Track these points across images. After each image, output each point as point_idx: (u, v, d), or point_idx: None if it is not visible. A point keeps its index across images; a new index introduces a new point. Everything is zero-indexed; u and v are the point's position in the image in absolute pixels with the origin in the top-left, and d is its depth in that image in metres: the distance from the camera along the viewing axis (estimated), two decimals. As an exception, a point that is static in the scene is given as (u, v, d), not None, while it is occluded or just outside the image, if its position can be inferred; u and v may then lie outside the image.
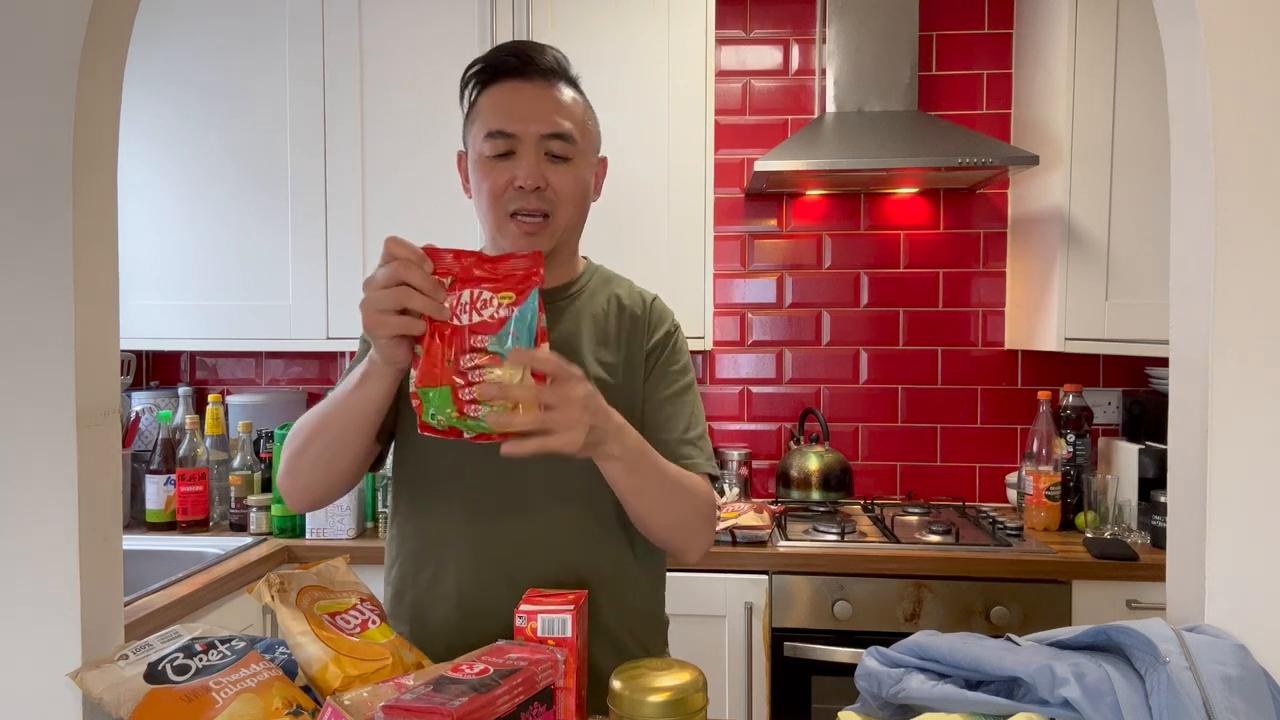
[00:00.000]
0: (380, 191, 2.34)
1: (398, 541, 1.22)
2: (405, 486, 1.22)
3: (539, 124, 1.12)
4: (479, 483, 1.16)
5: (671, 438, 1.19)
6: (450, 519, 1.16)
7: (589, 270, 1.29)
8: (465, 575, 1.15)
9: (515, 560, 1.14)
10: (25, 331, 0.90)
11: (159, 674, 0.85)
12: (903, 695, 0.78)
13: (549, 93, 1.15)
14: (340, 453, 1.10)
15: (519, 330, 0.90)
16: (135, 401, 2.51)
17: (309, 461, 1.11)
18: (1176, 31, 0.84)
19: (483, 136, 1.13)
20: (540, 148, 1.12)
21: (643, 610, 1.24)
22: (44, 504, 0.90)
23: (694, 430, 1.21)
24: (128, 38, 0.97)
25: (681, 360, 1.26)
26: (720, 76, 2.62)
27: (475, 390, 0.88)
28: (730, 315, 2.67)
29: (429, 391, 0.90)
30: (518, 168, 1.11)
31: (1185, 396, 0.84)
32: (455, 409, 0.89)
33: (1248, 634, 0.76)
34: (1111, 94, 2.18)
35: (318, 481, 1.13)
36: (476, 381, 0.89)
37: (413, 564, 1.19)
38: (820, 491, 2.39)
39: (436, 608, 1.16)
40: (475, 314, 0.90)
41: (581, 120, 1.17)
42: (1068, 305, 2.22)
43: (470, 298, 0.91)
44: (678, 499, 1.11)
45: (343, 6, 2.32)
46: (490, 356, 0.89)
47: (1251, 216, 0.79)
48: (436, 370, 0.90)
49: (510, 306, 0.90)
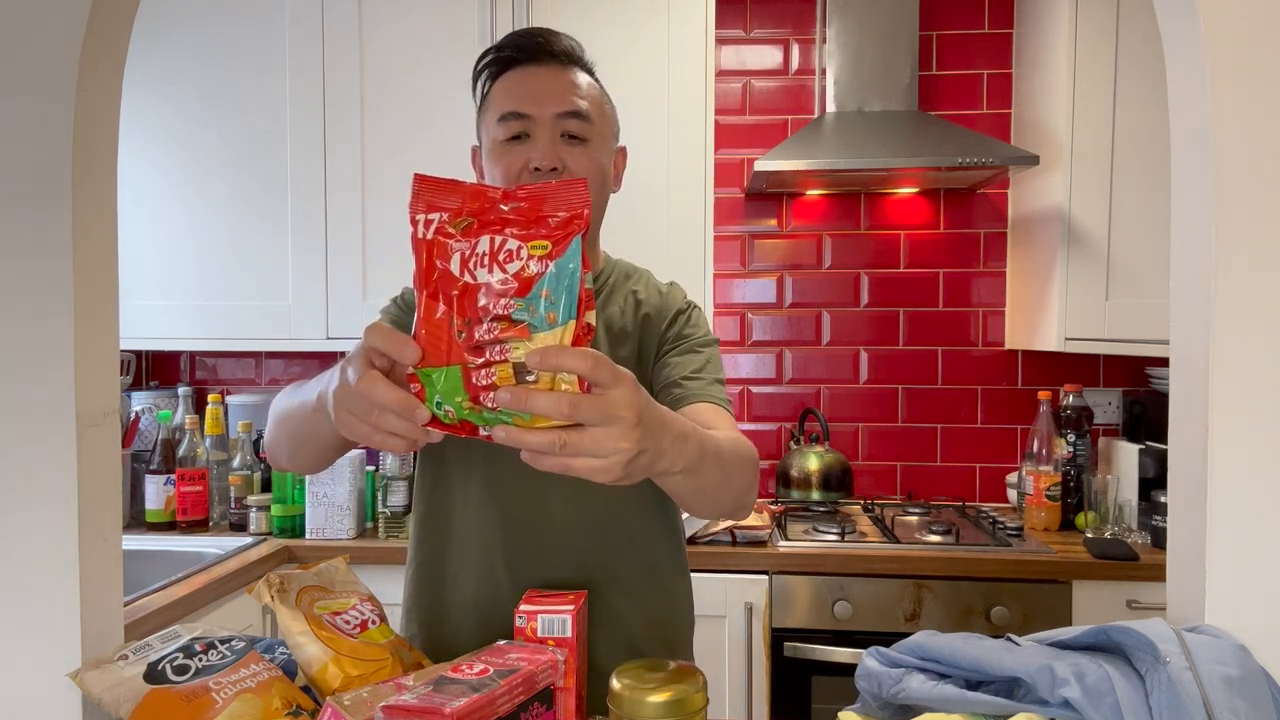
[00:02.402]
0: (381, 190, 2.34)
1: (415, 543, 1.22)
2: (426, 488, 1.20)
3: (553, 103, 1.09)
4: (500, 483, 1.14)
5: (683, 375, 1.12)
6: (469, 522, 1.15)
7: (609, 265, 1.25)
8: (484, 578, 1.14)
9: (535, 564, 1.13)
10: (25, 332, 0.90)
11: (159, 674, 0.85)
12: (903, 695, 0.78)
13: (564, 75, 1.12)
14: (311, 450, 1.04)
15: (555, 291, 0.66)
16: (135, 401, 2.51)
17: (284, 446, 1.06)
18: (1176, 31, 0.84)
19: (496, 120, 1.10)
20: (556, 128, 1.09)
21: (669, 613, 1.22)
22: (44, 504, 0.90)
23: (706, 374, 1.13)
24: (128, 38, 0.97)
25: (699, 330, 1.20)
26: (720, 76, 2.62)
27: (496, 372, 0.66)
28: (730, 315, 2.67)
29: (432, 373, 0.67)
30: (532, 150, 1.08)
31: (1185, 396, 0.84)
32: (468, 397, 0.67)
33: (1248, 634, 0.76)
34: (1111, 94, 2.18)
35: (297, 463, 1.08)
36: (497, 360, 0.66)
37: (432, 565, 1.18)
38: (820, 491, 2.39)
39: (454, 610, 1.16)
40: (497, 268, 0.67)
41: (598, 102, 1.14)
42: (1068, 305, 2.22)
43: (490, 247, 0.67)
44: (735, 474, 0.96)
45: (343, 5, 2.32)
46: (517, 327, 0.66)
47: (1251, 216, 0.79)
48: (441, 345, 0.67)
49: (545, 259, 0.66)
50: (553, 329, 0.66)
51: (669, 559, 1.22)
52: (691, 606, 1.27)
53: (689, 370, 1.13)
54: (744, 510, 1.05)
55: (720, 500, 0.97)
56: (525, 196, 0.69)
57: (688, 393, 1.10)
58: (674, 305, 1.22)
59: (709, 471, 0.88)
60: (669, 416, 0.79)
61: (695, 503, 0.96)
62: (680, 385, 1.11)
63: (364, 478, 2.25)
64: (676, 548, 1.24)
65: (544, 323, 0.66)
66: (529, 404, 0.65)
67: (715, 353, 1.18)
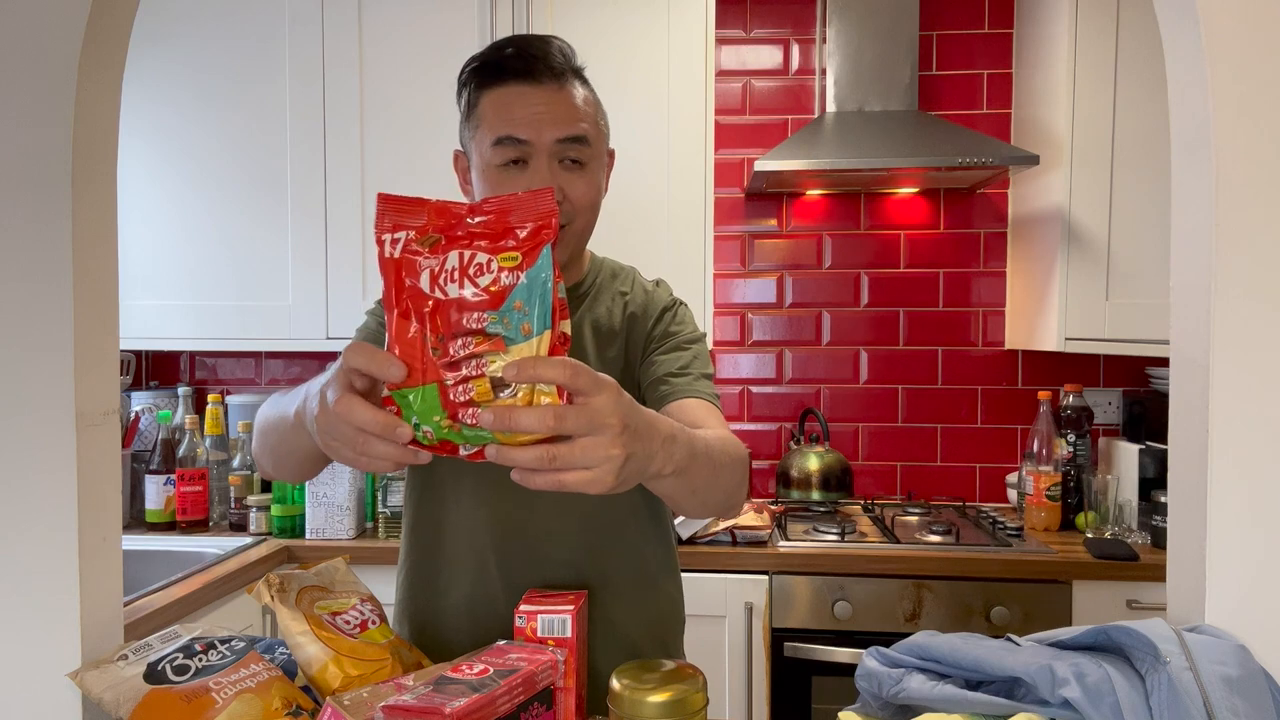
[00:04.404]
0: (380, 189, 2.33)
1: (407, 546, 1.21)
2: (416, 490, 1.20)
3: (553, 129, 1.04)
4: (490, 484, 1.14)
5: (669, 372, 1.11)
6: (461, 523, 1.15)
7: (594, 267, 1.23)
8: (477, 580, 1.14)
9: (527, 565, 1.13)
10: (25, 332, 0.90)
11: (159, 674, 0.85)
12: (903, 695, 0.78)
13: (561, 95, 1.06)
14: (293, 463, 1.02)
15: (528, 302, 0.66)
16: (135, 401, 2.51)
17: (267, 456, 1.04)
18: (1176, 31, 0.84)
19: (490, 143, 1.05)
20: (555, 155, 1.05)
21: (663, 613, 1.22)
22: (44, 504, 0.90)
23: (694, 369, 1.13)
24: (127, 38, 0.97)
25: (686, 327, 1.19)
26: (720, 76, 2.62)
27: (474, 387, 0.65)
28: (730, 315, 2.67)
29: (408, 394, 0.66)
30: (532, 178, 1.04)
31: (1185, 396, 0.84)
32: (446, 415, 0.66)
33: (1248, 634, 0.76)
34: (1111, 94, 2.18)
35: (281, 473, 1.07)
36: (474, 375, 0.65)
37: (424, 568, 1.18)
38: (820, 491, 2.39)
39: (447, 612, 1.16)
40: (468, 283, 0.67)
41: (595, 120, 1.10)
42: (1068, 305, 2.22)
43: (460, 261, 0.67)
44: (725, 473, 0.96)
45: (342, 5, 2.32)
46: (492, 340, 0.65)
47: (1251, 216, 0.79)
48: (416, 364, 0.66)
49: (515, 270, 0.66)
50: (528, 340, 0.66)
51: (661, 559, 1.22)
52: (683, 605, 1.28)
53: (676, 367, 1.12)
54: (734, 509, 1.05)
55: (711, 499, 0.96)
56: (492, 210, 0.69)
57: (675, 389, 1.09)
58: (660, 303, 1.21)
59: (699, 472, 0.88)
60: (656, 419, 0.78)
61: (687, 504, 0.95)
62: (667, 382, 1.10)
63: (364, 478, 2.25)
64: (667, 547, 1.24)
65: (519, 334, 0.66)
66: (513, 422, 0.64)
67: (703, 348, 1.18)
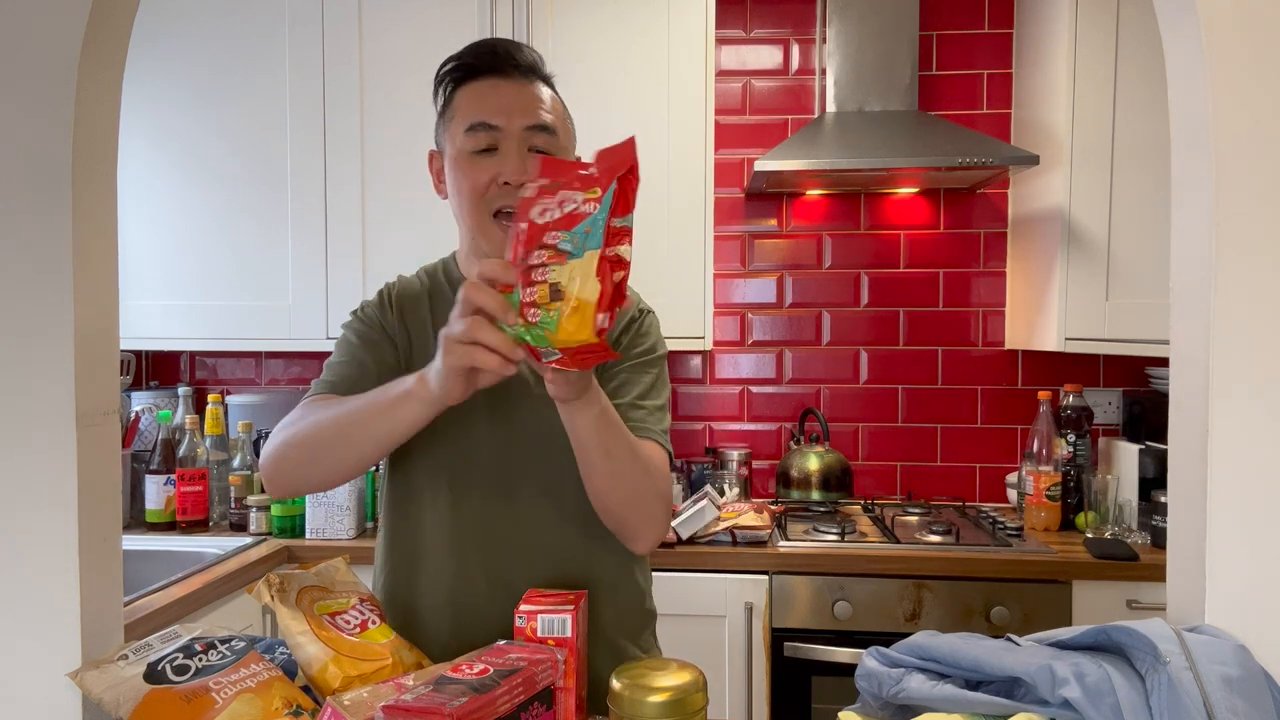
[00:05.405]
0: (380, 190, 2.34)
1: (386, 548, 1.21)
2: (394, 491, 1.20)
3: (522, 116, 1.10)
4: (468, 484, 1.14)
5: (623, 402, 1.13)
6: (440, 523, 1.15)
7: None
8: (457, 580, 1.14)
9: (507, 564, 1.13)
10: (25, 332, 0.90)
11: (159, 674, 0.85)
12: (903, 695, 0.78)
13: (530, 88, 1.13)
14: (350, 464, 1.04)
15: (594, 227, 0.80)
16: (135, 401, 2.52)
17: (308, 462, 1.04)
18: (1176, 31, 0.84)
19: (463, 131, 1.10)
20: (524, 141, 1.10)
21: (636, 608, 1.24)
22: (44, 504, 0.90)
23: (650, 400, 1.16)
24: (128, 38, 0.97)
25: (646, 341, 1.21)
26: (720, 76, 2.62)
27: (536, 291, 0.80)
28: (730, 315, 2.67)
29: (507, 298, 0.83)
30: (502, 164, 1.08)
31: (1185, 396, 0.84)
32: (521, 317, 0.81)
33: (1248, 634, 0.76)
34: (1111, 94, 2.18)
35: (314, 481, 1.08)
36: (539, 281, 0.80)
37: (404, 569, 1.18)
38: (820, 491, 2.39)
39: (428, 613, 1.15)
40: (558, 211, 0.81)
41: (562, 116, 1.16)
42: (1068, 305, 2.22)
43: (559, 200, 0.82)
44: (638, 469, 1.04)
45: (342, 4, 2.32)
46: (557, 254, 0.80)
47: (1251, 216, 0.79)
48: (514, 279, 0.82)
49: (594, 201, 0.81)
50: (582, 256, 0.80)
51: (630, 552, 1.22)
52: (652, 598, 1.29)
53: (634, 394, 1.15)
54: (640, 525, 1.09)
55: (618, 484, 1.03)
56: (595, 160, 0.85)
57: (632, 426, 1.09)
58: (626, 312, 1.21)
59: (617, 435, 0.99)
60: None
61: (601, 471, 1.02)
62: (626, 416, 1.10)
63: (364, 478, 2.25)
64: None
65: (580, 251, 0.80)
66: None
67: (663, 370, 1.21)
